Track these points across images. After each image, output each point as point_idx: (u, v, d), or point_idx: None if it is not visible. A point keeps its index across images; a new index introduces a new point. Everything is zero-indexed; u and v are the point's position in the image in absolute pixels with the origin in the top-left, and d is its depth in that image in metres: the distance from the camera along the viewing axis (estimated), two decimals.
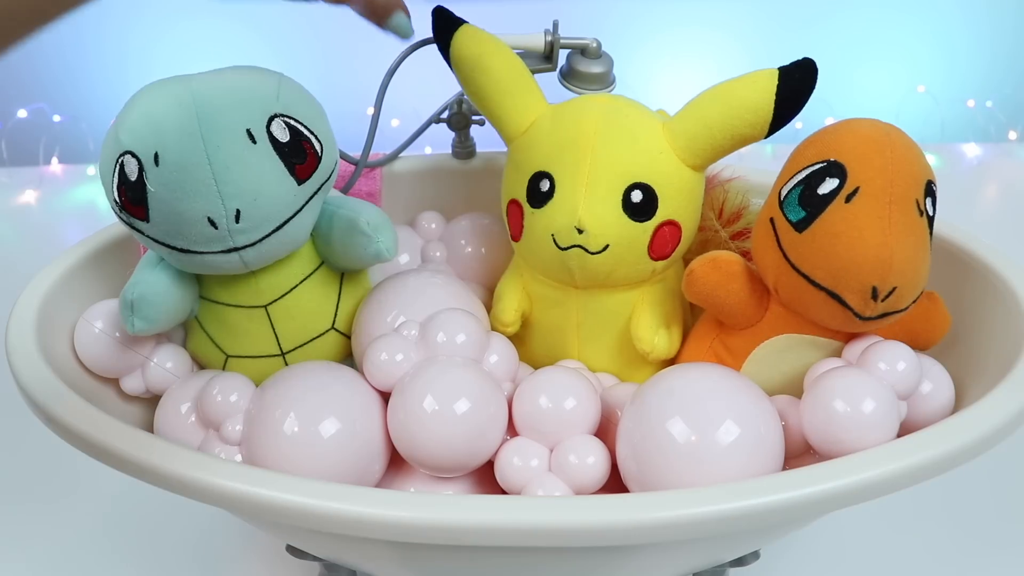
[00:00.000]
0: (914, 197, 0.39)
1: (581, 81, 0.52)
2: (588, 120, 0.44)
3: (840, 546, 0.56)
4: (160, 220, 0.40)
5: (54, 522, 0.59)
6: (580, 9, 0.67)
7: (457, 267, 0.57)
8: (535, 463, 0.40)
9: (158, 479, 0.36)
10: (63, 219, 1.03)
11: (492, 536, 0.34)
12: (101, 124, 0.97)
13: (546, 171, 0.45)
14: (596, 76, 0.52)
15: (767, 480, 0.34)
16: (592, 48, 0.52)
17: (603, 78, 0.52)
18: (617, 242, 0.44)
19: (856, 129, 0.40)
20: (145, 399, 0.47)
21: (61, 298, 0.46)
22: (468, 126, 0.58)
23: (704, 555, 0.41)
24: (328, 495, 0.34)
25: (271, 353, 0.46)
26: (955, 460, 0.35)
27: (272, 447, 0.39)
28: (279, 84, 0.42)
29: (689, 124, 0.44)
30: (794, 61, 0.42)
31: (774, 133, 0.43)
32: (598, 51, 0.52)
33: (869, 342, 0.41)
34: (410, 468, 0.42)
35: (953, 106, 1.19)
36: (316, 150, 0.42)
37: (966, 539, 0.57)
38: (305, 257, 0.46)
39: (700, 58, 1.21)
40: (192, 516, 0.59)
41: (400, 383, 0.40)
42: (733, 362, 0.45)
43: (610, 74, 0.52)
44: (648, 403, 0.39)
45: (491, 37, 0.47)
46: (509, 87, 0.47)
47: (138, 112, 0.40)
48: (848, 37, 1.20)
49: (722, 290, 0.43)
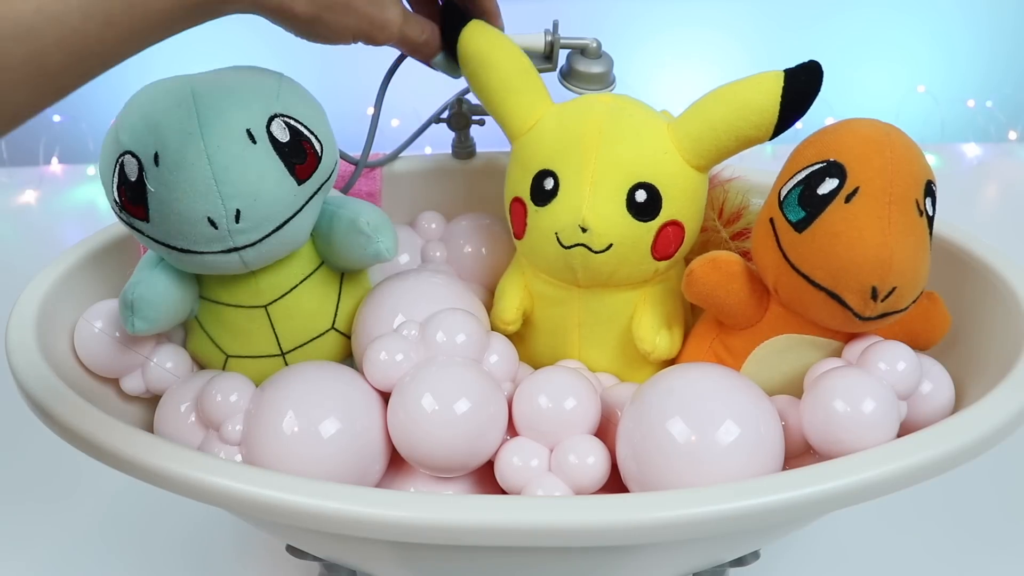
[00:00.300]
0: (914, 197, 0.39)
1: (581, 81, 0.52)
2: (593, 119, 0.44)
3: (840, 546, 0.56)
4: (160, 220, 0.40)
5: (54, 522, 0.59)
6: (580, 9, 0.67)
7: (457, 267, 0.57)
8: (535, 463, 0.40)
9: (158, 479, 0.36)
10: (63, 219, 1.03)
11: (492, 536, 0.34)
12: (101, 124, 0.97)
13: (551, 169, 0.45)
14: (596, 76, 0.52)
15: (767, 480, 0.34)
16: (592, 48, 0.52)
17: (603, 78, 0.52)
18: (621, 241, 0.44)
19: (856, 129, 0.40)
20: (145, 399, 0.47)
21: (61, 298, 0.46)
22: (468, 126, 0.58)
23: (704, 555, 0.41)
24: (328, 495, 0.34)
25: (271, 353, 0.46)
26: (955, 460, 0.35)
27: (272, 447, 0.39)
28: (279, 84, 0.42)
29: (694, 125, 0.44)
30: (800, 64, 0.42)
31: (779, 135, 0.43)
32: (598, 51, 0.52)
33: (869, 342, 0.41)
34: (410, 468, 0.42)
35: (953, 106, 1.19)
36: (316, 150, 0.42)
37: (966, 539, 0.57)
38: (305, 257, 0.46)
39: (700, 58, 1.21)
40: (192, 516, 0.59)
41: (400, 383, 0.40)
42: (733, 362, 0.45)
43: (610, 74, 0.52)
44: (648, 403, 0.39)
45: (499, 34, 0.47)
46: (515, 84, 0.47)
47: (138, 112, 0.40)
48: (848, 37, 1.20)
49: (722, 290, 0.43)
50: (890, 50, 1.23)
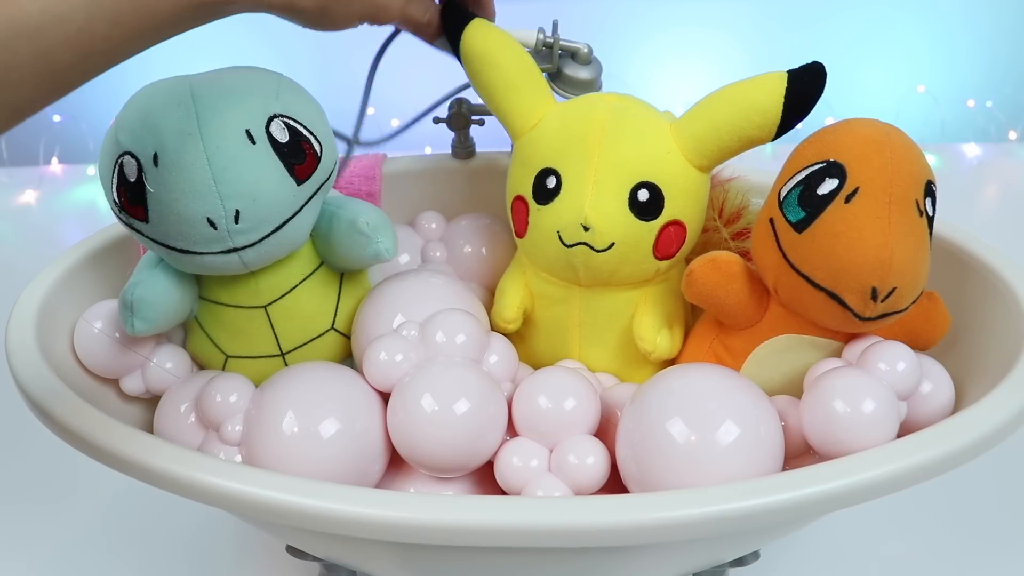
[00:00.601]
0: (914, 197, 0.39)
1: (567, 85, 0.52)
2: (596, 118, 0.45)
3: (840, 546, 0.56)
4: (159, 221, 0.40)
5: (54, 522, 0.59)
6: (580, 9, 0.67)
7: (457, 267, 0.57)
8: (535, 463, 0.40)
9: (158, 480, 0.36)
10: (63, 219, 1.03)
11: (492, 536, 0.34)
12: (101, 124, 0.97)
13: (553, 168, 0.45)
14: (583, 82, 0.51)
15: (767, 480, 0.34)
16: (583, 53, 0.51)
17: (590, 84, 0.51)
18: (623, 240, 0.44)
19: (856, 129, 0.40)
20: (145, 399, 0.47)
21: (61, 298, 0.46)
22: (468, 126, 0.58)
23: (704, 555, 0.41)
24: (328, 495, 0.34)
25: (271, 353, 0.46)
26: (955, 460, 0.35)
27: (272, 447, 0.39)
28: (278, 84, 0.42)
29: (697, 125, 0.44)
30: (803, 65, 0.42)
31: (781, 136, 0.43)
32: (588, 56, 0.51)
33: (869, 342, 0.41)
34: (410, 468, 0.42)
35: (953, 106, 1.19)
36: (315, 150, 0.42)
37: (966, 539, 0.57)
38: (305, 257, 0.46)
39: (700, 58, 1.21)
40: (192, 516, 0.59)
41: (400, 383, 0.40)
42: (733, 362, 0.45)
43: (597, 81, 0.52)
44: (648, 403, 0.39)
45: (501, 32, 0.47)
46: (518, 83, 0.47)
47: (137, 113, 0.40)
48: (848, 37, 1.20)
49: (722, 290, 0.43)
50: (890, 50, 1.23)
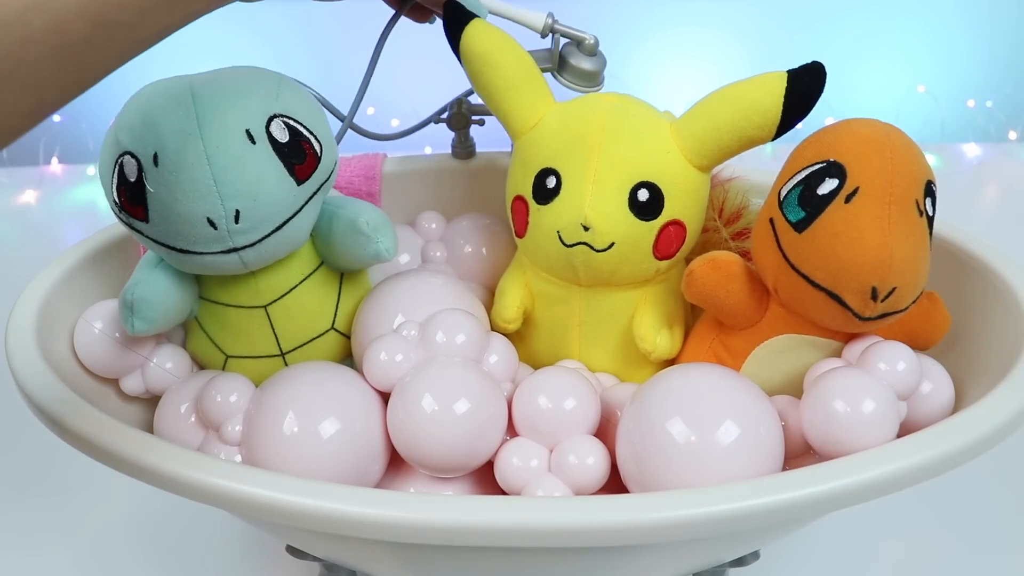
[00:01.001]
0: (914, 197, 0.39)
1: (570, 75, 0.52)
2: (596, 118, 0.45)
3: (840, 546, 0.56)
4: (159, 221, 0.40)
5: (53, 523, 0.59)
6: (580, 9, 0.67)
7: (457, 267, 0.57)
8: (535, 463, 0.40)
9: (158, 480, 0.36)
10: (63, 219, 1.03)
11: (492, 536, 0.34)
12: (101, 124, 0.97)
13: (553, 168, 0.45)
14: (587, 73, 0.51)
15: (767, 480, 0.34)
16: (588, 44, 0.51)
17: (593, 76, 0.51)
18: (623, 240, 0.44)
19: (856, 129, 0.40)
20: (145, 399, 0.47)
21: (61, 298, 0.46)
22: (468, 126, 0.58)
23: (704, 555, 0.41)
24: (328, 495, 0.34)
25: (271, 353, 0.46)
26: (955, 460, 0.35)
27: (272, 448, 0.39)
28: (278, 84, 0.42)
29: (697, 124, 0.44)
30: (803, 64, 0.42)
31: (781, 136, 0.43)
32: (594, 48, 0.51)
33: (869, 342, 0.41)
34: (410, 468, 0.42)
35: (953, 106, 1.19)
36: (315, 150, 0.42)
37: (966, 539, 0.57)
38: (305, 257, 0.46)
39: (700, 58, 1.21)
40: (192, 516, 0.59)
41: (400, 383, 0.40)
42: (733, 362, 0.45)
43: (600, 74, 0.52)
44: (648, 403, 0.39)
45: (502, 33, 0.47)
46: (518, 83, 0.47)
47: (137, 112, 0.40)
48: (848, 37, 1.20)
49: (722, 290, 0.43)
50: (890, 50, 1.23)
